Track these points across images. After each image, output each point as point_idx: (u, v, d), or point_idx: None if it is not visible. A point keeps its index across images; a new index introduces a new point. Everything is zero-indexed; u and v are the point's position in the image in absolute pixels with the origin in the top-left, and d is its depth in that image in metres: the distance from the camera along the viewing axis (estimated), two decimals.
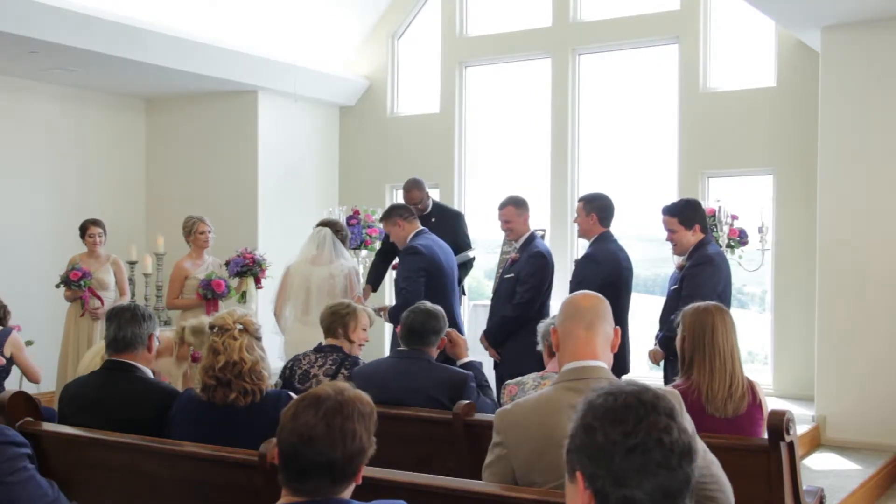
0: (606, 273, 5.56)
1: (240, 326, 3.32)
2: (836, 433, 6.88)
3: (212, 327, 3.38)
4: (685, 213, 5.33)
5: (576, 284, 5.55)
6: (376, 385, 3.99)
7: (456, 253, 6.72)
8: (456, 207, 9.24)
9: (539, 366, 4.11)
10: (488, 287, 9.37)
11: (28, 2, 6.96)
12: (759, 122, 8.29)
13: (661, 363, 5.38)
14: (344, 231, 6.49)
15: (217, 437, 3.17)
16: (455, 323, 5.86)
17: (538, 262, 5.85)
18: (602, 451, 1.54)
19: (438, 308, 4.34)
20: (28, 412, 3.46)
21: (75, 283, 7.21)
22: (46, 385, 7.10)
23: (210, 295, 6.85)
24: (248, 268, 7.06)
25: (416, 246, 6.01)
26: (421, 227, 6.22)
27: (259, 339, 3.39)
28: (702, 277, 5.15)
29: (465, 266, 6.98)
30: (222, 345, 3.28)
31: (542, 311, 5.90)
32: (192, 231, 7.16)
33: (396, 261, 6.65)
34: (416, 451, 3.74)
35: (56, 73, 8.52)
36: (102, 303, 7.33)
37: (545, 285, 5.89)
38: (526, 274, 5.81)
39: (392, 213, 6.27)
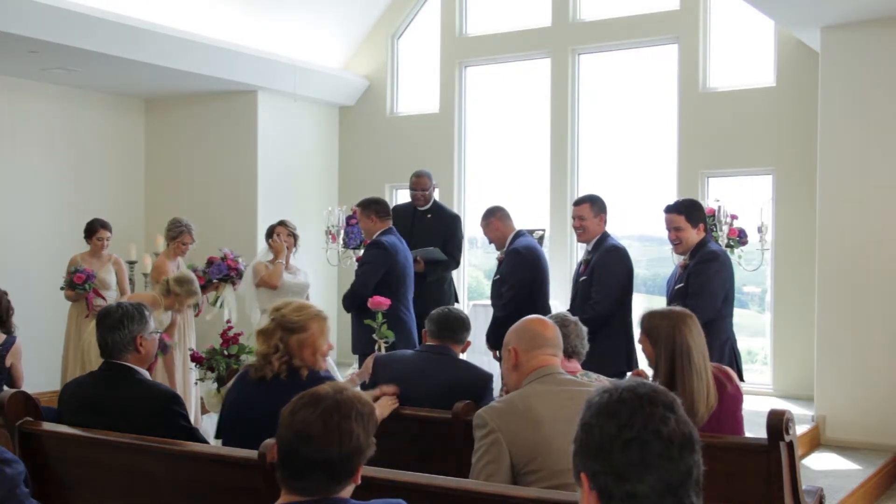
0: (629, 266, 5.71)
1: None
2: (836, 433, 6.89)
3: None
4: (692, 212, 5.35)
5: (612, 277, 5.59)
6: (401, 378, 3.97)
7: (443, 252, 6.81)
8: (456, 207, 9.26)
9: None
10: (487, 286, 9.38)
11: (28, 2, 6.96)
12: (759, 122, 8.29)
13: None
14: (277, 231, 6.74)
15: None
16: (407, 318, 6.00)
17: (514, 260, 5.96)
18: (600, 447, 1.53)
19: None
20: (28, 412, 3.46)
21: (80, 287, 7.22)
22: (48, 384, 7.12)
23: None
24: (229, 277, 7.05)
25: (383, 241, 6.07)
26: (389, 226, 6.23)
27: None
28: (708, 274, 5.15)
29: (437, 264, 6.79)
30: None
31: (538, 309, 5.88)
32: (178, 238, 7.03)
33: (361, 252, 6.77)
34: (416, 451, 3.74)
35: (56, 73, 8.52)
36: (106, 302, 7.33)
37: (526, 281, 5.93)
38: (506, 272, 5.99)
39: (370, 206, 6.23)
